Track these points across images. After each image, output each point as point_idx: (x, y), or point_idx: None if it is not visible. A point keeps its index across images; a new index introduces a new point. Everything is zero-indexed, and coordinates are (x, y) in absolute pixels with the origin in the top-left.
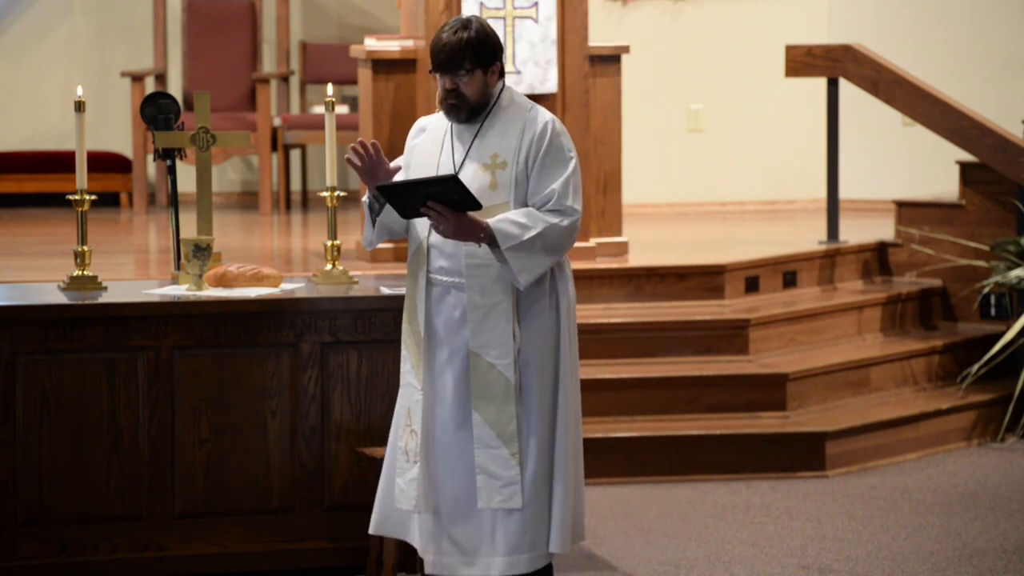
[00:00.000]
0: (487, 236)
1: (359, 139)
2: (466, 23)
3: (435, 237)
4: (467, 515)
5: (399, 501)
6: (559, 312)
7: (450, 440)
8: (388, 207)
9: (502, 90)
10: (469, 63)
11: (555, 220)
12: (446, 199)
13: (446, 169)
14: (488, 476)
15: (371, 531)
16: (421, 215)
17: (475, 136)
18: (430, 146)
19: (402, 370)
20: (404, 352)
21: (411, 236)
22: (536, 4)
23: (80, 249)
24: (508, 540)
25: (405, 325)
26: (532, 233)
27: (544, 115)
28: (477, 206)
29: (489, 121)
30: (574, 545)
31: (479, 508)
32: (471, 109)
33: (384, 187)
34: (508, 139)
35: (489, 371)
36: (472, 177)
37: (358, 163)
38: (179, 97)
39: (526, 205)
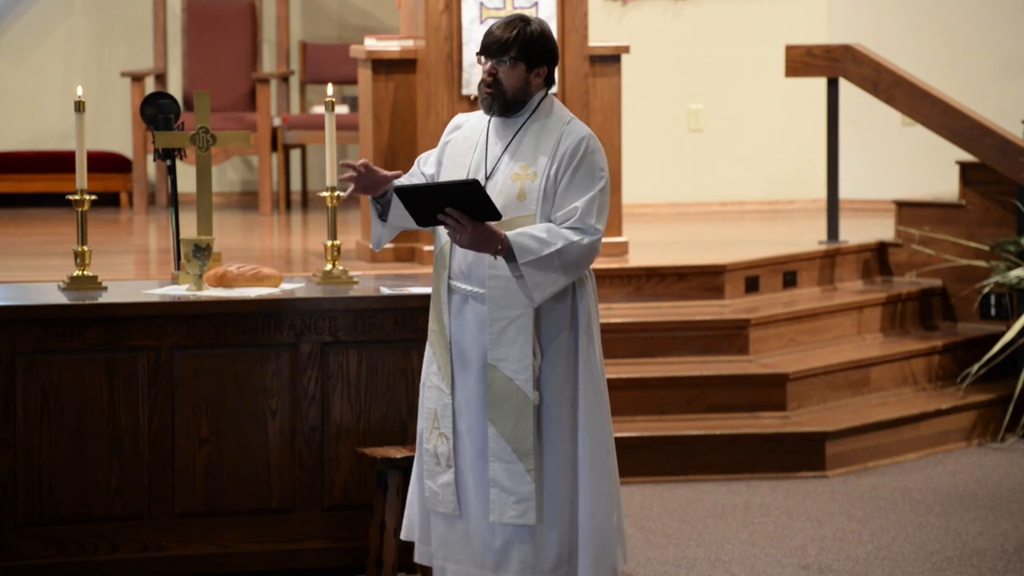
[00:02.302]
0: (504, 248)
1: (342, 163)
2: (528, 19)
3: None
4: (488, 527)
5: (433, 504)
6: (578, 330)
7: (474, 448)
8: (394, 205)
9: (543, 98)
10: (515, 52)
11: (576, 238)
12: (464, 206)
13: (478, 171)
14: (501, 490)
15: (403, 537)
16: (438, 223)
17: (511, 141)
18: (463, 145)
19: (427, 370)
20: (430, 352)
21: (436, 237)
22: (536, 4)
23: (80, 249)
24: (523, 559)
25: (432, 325)
26: (551, 249)
27: (581, 130)
28: (496, 216)
29: (526, 128)
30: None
31: (491, 522)
32: (506, 102)
33: (402, 190)
34: (542, 150)
35: (507, 384)
36: (501, 186)
37: (355, 186)
38: (179, 97)
39: (550, 220)
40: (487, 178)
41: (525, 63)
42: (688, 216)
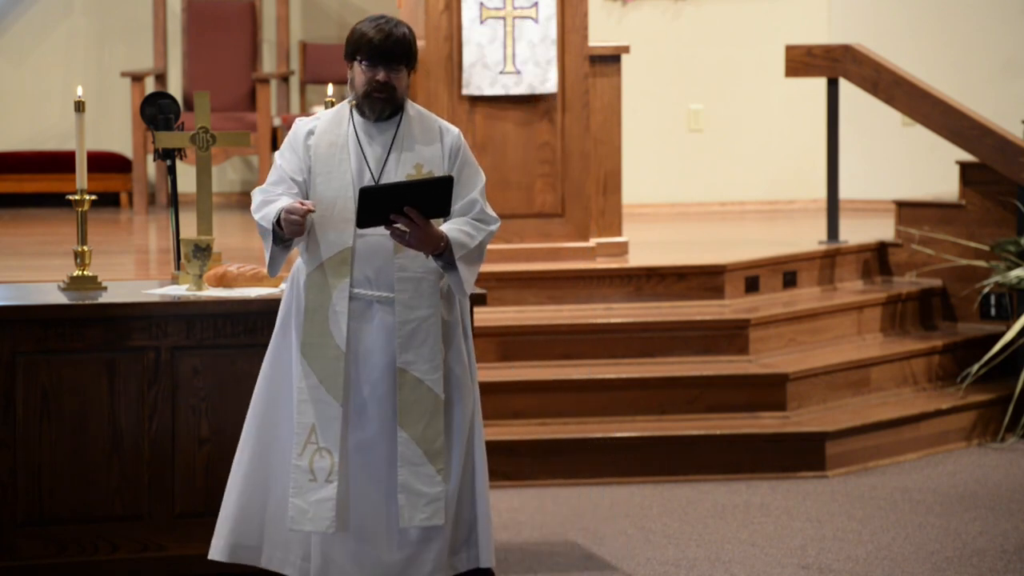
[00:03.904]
0: (446, 245)
1: (293, 216)
2: (398, 21)
3: (361, 247)
4: (378, 536)
5: (299, 523)
6: (465, 325)
7: (366, 460)
8: (308, 231)
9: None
10: (408, 60)
11: (487, 228)
12: (421, 205)
13: (362, 174)
14: (411, 494)
15: (218, 557)
16: (386, 223)
17: (391, 144)
18: (329, 150)
19: (303, 383)
20: (305, 367)
21: (320, 246)
22: (536, 4)
23: (80, 249)
24: (434, 559)
25: (309, 339)
26: (476, 243)
27: (451, 126)
28: (447, 213)
29: (403, 129)
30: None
31: (400, 528)
32: (395, 106)
33: (372, 189)
34: (430, 148)
35: (417, 387)
36: None
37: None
38: (179, 97)
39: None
40: (376, 181)
41: (411, 69)
42: (688, 216)
